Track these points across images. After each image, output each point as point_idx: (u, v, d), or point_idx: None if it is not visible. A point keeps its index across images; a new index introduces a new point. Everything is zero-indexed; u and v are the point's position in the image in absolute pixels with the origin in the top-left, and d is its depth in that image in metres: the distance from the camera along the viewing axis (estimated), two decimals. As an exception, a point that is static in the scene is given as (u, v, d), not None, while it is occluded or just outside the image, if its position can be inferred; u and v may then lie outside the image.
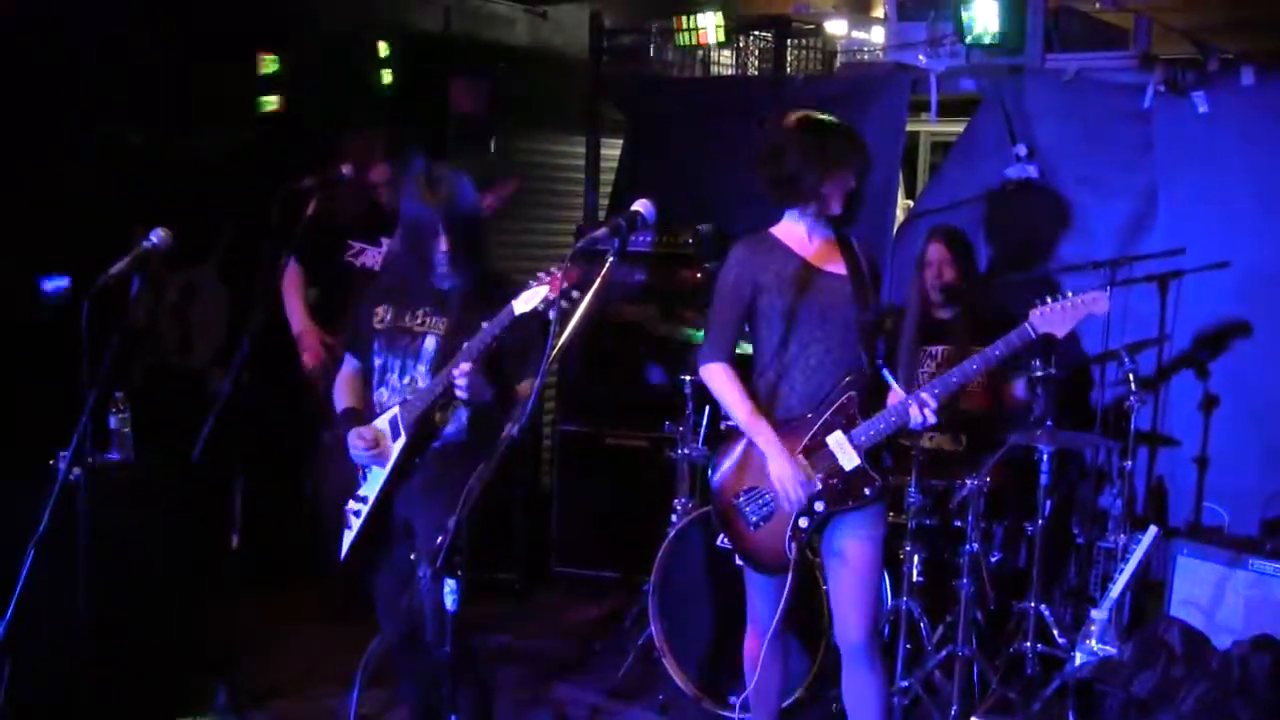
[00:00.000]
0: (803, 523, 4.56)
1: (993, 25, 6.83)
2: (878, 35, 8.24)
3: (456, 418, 4.77)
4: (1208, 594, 5.81)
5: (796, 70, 8.17)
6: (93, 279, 4.31)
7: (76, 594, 4.56)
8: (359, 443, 4.74)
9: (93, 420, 4.39)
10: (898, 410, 4.49)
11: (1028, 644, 5.78)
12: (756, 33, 8.36)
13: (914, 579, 5.70)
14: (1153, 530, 5.35)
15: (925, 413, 4.44)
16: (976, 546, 5.54)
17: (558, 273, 4.11)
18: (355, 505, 4.84)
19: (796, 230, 4.67)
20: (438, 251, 4.64)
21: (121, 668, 5.26)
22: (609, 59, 8.65)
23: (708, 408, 6.46)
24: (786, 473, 4.51)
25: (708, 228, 7.45)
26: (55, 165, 6.23)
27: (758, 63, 8.40)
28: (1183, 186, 6.59)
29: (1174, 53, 6.80)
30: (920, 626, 5.73)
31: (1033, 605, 5.79)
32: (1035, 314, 4.47)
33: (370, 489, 4.81)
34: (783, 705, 5.14)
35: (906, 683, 5.66)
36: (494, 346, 4.49)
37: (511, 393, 4.69)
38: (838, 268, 4.61)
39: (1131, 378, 5.95)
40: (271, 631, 6.50)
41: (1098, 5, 7.29)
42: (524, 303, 4.31)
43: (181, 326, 7.05)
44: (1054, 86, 6.91)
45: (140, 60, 6.50)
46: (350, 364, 5.00)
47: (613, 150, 8.77)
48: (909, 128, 7.83)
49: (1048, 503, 5.77)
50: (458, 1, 8.30)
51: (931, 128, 9.19)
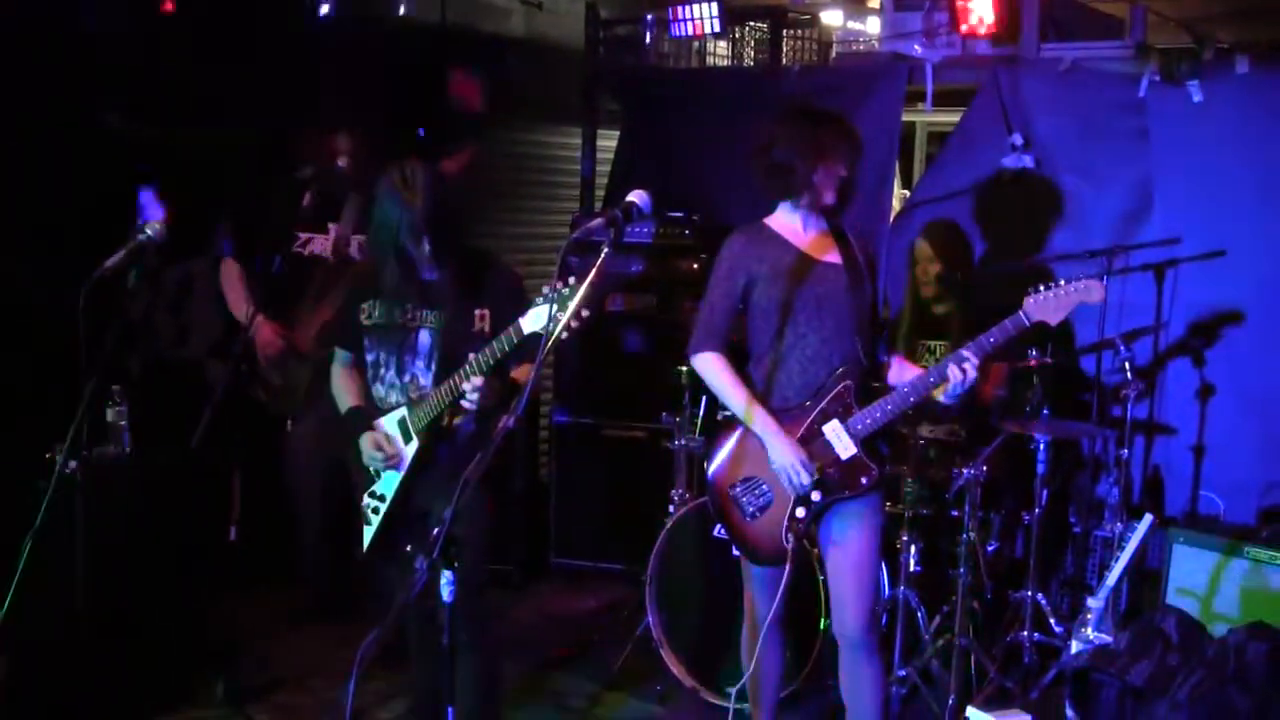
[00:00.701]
0: (800, 513, 4.57)
1: (988, 15, 6.83)
2: (873, 25, 8.24)
3: (469, 420, 4.77)
4: (1204, 583, 5.81)
5: (792, 61, 8.16)
6: (89, 271, 4.31)
7: (74, 587, 4.56)
8: (375, 451, 4.75)
9: (90, 413, 4.39)
10: (914, 385, 4.52)
11: (1025, 633, 5.80)
12: (752, 23, 8.35)
13: (911, 568, 5.70)
14: (1148, 518, 5.36)
15: (967, 369, 4.44)
16: (973, 536, 5.55)
17: (566, 290, 4.08)
18: (373, 502, 4.85)
19: (791, 221, 4.68)
20: (418, 248, 4.64)
21: (120, 661, 5.27)
22: (605, 50, 8.64)
23: (705, 398, 6.47)
24: (789, 457, 4.51)
25: (704, 218, 7.44)
26: (50, 158, 6.22)
27: (754, 53, 8.39)
28: (1178, 176, 6.59)
29: (1169, 42, 6.81)
30: (917, 616, 5.74)
31: (1029, 594, 5.80)
32: (1029, 301, 4.46)
33: (387, 488, 4.82)
34: (780, 696, 5.15)
35: (904, 672, 5.67)
36: (486, 318, 4.53)
37: (514, 385, 4.70)
38: (834, 258, 4.61)
39: (1128, 367, 5.96)
40: (270, 624, 6.50)
41: (1093, -5, 7.31)
42: (531, 321, 4.31)
43: (178, 319, 7.05)
44: (1050, 76, 6.91)
45: (137, 52, 6.49)
46: (342, 358, 4.99)
47: (609, 141, 8.76)
48: (905, 118, 7.83)
49: (1044, 492, 5.78)
50: (454, -7, 8.29)
51: (927, 118, 9.19)
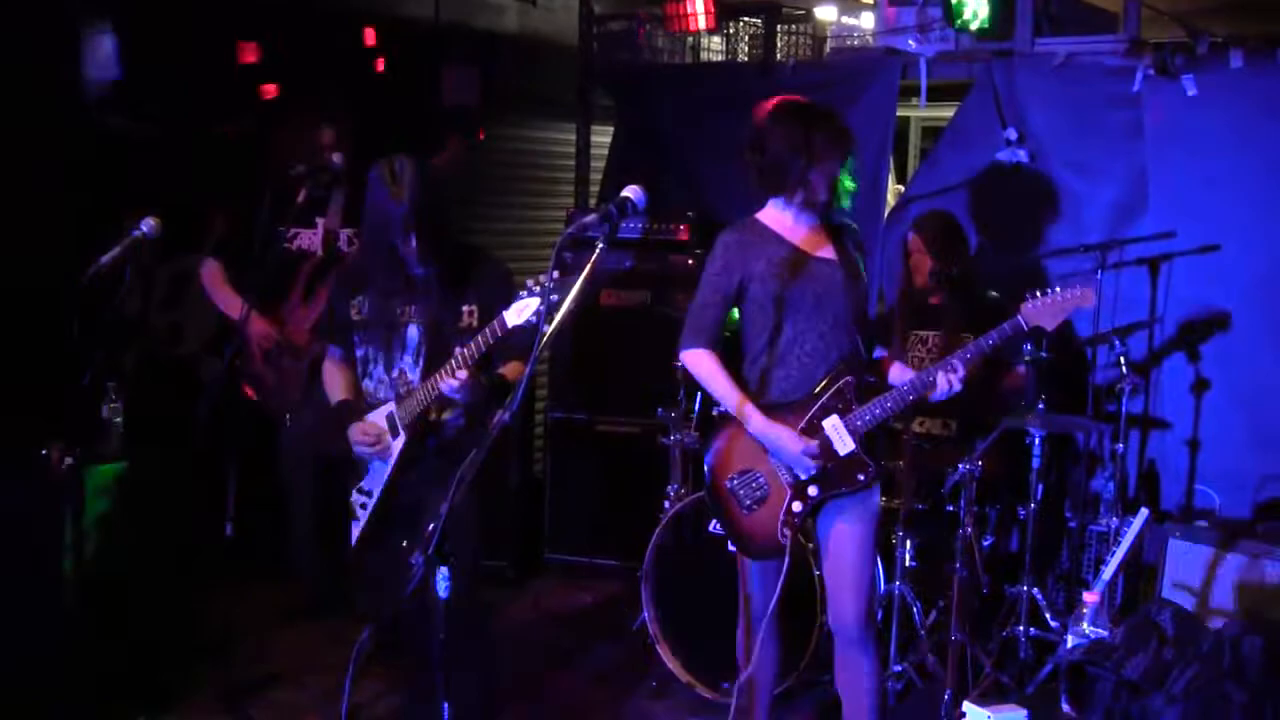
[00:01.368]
0: (796, 507, 4.56)
1: (982, 10, 6.83)
2: (868, 21, 8.25)
3: (455, 408, 4.78)
4: (1199, 577, 5.82)
5: (787, 56, 8.15)
6: (84, 268, 4.31)
7: (69, 584, 4.56)
8: (361, 439, 4.76)
9: (84, 410, 4.39)
10: (912, 384, 4.52)
11: (1020, 627, 5.80)
12: (746, 19, 8.34)
13: (907, 563, 5.71)
14: (1144, 512, 5.36)
15: (953, 379, 4.47)
16: (969, 530, 5.55)
17: (549, 283, 4.08)
18: (361, 497, 4.86)
19: (782, 217, 4.67)
20: (406, 244, 4.65)
21: (115, 657, 5.26)
22: (599, 46, 8.63)
23: (700, 394, 6.47)
24: (795, 446, 4.51)
25: (698, 214, 7.44)
26: (45, 155, 6.22)
27: (748, 49, 8.38)
28: (1172, 170, 6.59)
29: (1163, 36, 6.80)
30: (913, 611, 5.74)
31: (1025, 589, 5.81)
32: (1027, 306, 4.50)
33: (374, 482, 4.83)
34: (776, 691, 5.15)
35: (900, 667, 5.68)
36: (475, 313, 4.54)
37: (501, 381, 4.70)
38: (828, 253, 4.61)
39: (1123, 361, 5.97)
40: (265, 620, 6.49)
41: (1087, -11, 7.31)
42: (516, 314, 4.31)
43: (172, 316, 7.05)
44: (1044, 71, 6.91)
45: (132, 49, 6.49)
46: (334, 354, 5.00)
47: (603, 137, 8.75)
48: (899, 113, 7.83)
49: (1039, 486, 5.78)
50: (447, -11, 8.29)
51: (922, 113, 9.18)
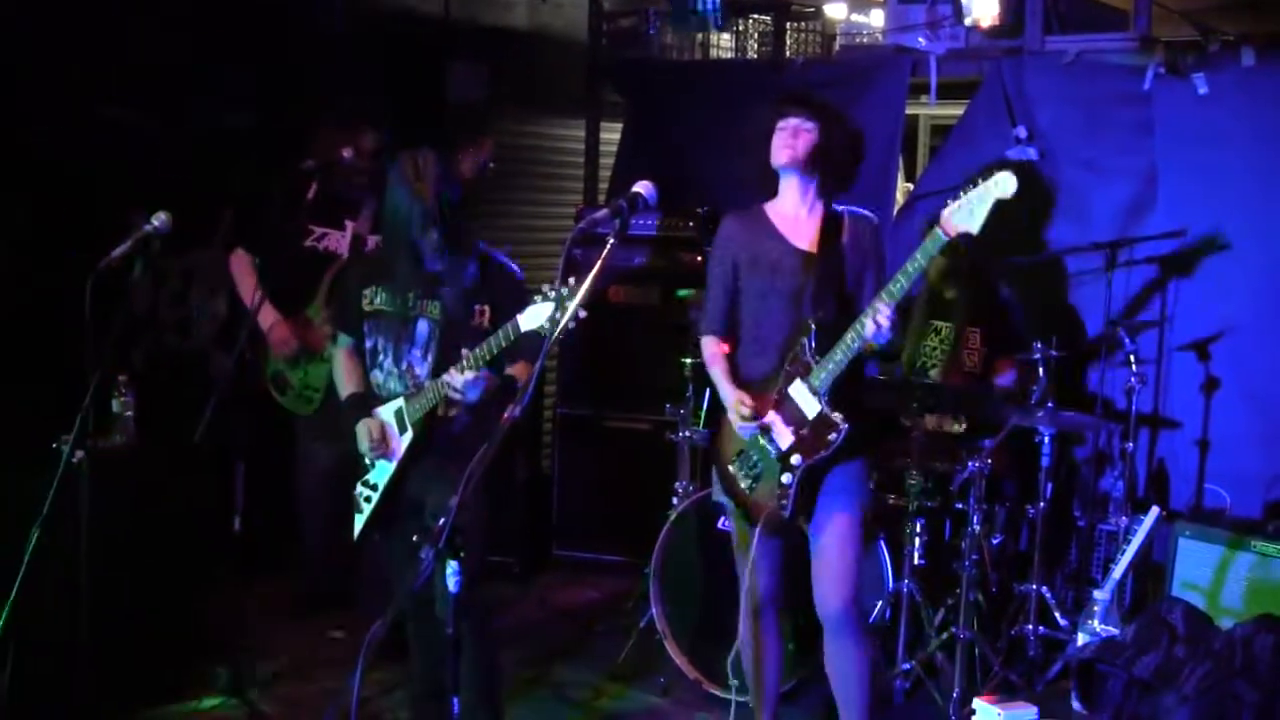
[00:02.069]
0: (784, 479, 4.58)
1: (992, 8, 6.82)
2: (877, 18, 8.23)
3: (464, 412, 4.78)
4: (1209, 576, 5.81)
5: (796, 53, 8.16)
6: (95, 262, 4.31)
7: (79, 578, 4.56)
8: (367, 438, 4.76)
9: (95, 404, 4.39)
10: (854, 332, 4.40)
11: (1029, 626, 5.80)
12: (756, 16, 8.34)
13: (915, 561, 5.70)
14: (1155, 511, 5.36)
15: (880, 320, 4.30)
16: (978, 529, 5.55)
17: (565, 290, 4.08)
18: (365, 491, 4.86)
19: (787, 205, 4.71)
20: (425, 237, 4.65)
21: (124, 651, 5.27)
22: (608, 42, 8.63)
23: (708, 390, 6.46)
24: (733, 402, 4.63)
25: (707, 211, 7.43)
26: (56, 149, 6.22)
27: (757, 46, 8.38)
28: (1183, 168, 6.58)
29: (1174, 34, 6.80)
30: (921, 609, 5.74)
31: (1034, 587, 5.80)
32: (944, 213, 4.23)
33: (379, 477, 4.83)
34: (782, 690, 5.15)
35: (908, 665, 5.67)
36: (487, 313, 4.54)
37: (510, 380, 4.71)
38: (807, 243, 4.64)
39: (1132, 360, 5.96)
40: (273, 615, 6.50)
41: (1097, -13, 7.30)
42: (530, 320, 4.31)
43: (181, 310, 7.05)
44: (1054, 69, 6.91)
45: (141, 43, 6.49)
46: (345, 342, 4.99)
47: (612, 134, 8.75)
48: (908, 111, 7.82)
49: (1049, 485, 5.78)
50: (456, -16, 8.29)
51: (931, 110, 9.17)
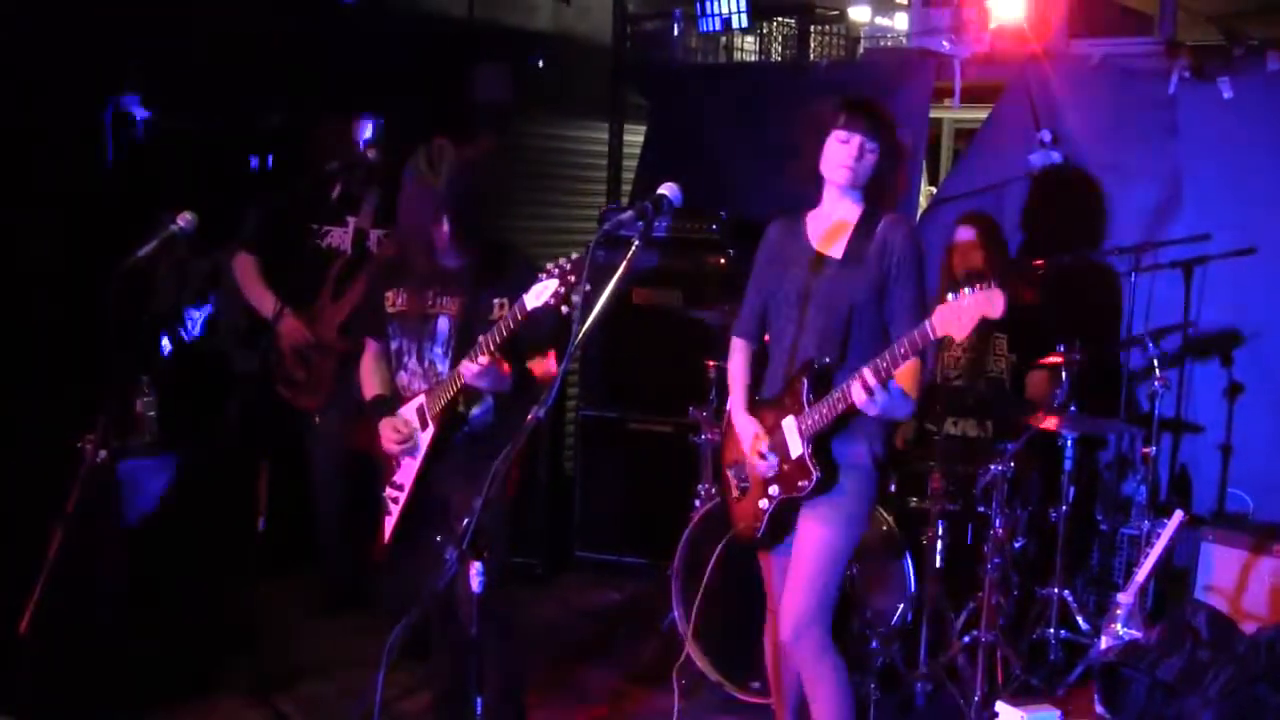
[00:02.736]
0: (762, 504, 4.53)
1: (1017, 11, 6.82)
2: (901, 21, 8.24)
3: (483, 401, 4.79)
4: (1232, 581, 5.79)
5: (820, 56, 8.16)
6: (119, 262, 4.33)
7: (104, 576, 4.59)
8: (392, 435, 4.77)
9: (119, 403, 4.41)
10: (842, 390, 4.21)
11: (1051, 630, 5.79)
12: (780, 19, 8.34)
13: (937, 564, 5.70)
14: (1179, 514, 5.34)
15: (859, 389, 4.08)
16: (1000, 532, 5.53)
17: (566, 264, 4.11)
18: (393, 492, 4.88)
19: (825, 208, 4.58)
20: (439, 232, 4.67)
21: (147, 648, 5.29)
22: (632, 45, 8.65)
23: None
24: (743, 443, 4.58)
25: (730, 213, 7.43)
26: (82, 149, 6.25)
27: (781, 49, 8.39)
28: (1208, 172, 6.57)
29: (1199, 39, 6.78)
30: (943, 612, 5.73)
31: (1056, 591, 5.79)
32: (936, 313, 3.98)
33: (405, 477, 4.84)
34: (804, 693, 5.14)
35: (929, 669, 5.66)
36: (505, 305, 4.53)
37: (527, 373, 4.72)
38: (836, 251, 4.48)
39: (1155, 364, 5.95)
40: (295, 614, 6.52)
41: (1122, -9, 7.29)
42: (535, 297, 4.31)
43: (206, 310, 7.08)
44: (1079, 73, 6.90)
45: (164, 42, 6.52)
46: (371, 347, 5.02)
47: (636, 136, 8.76)
48: (932, 114, 7.82)
49: (1071, 489, 5.77)
50: (481, -14, 8.31)
51: (955, 114, 9.17)
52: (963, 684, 5.62)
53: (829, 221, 4.55)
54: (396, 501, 4.88)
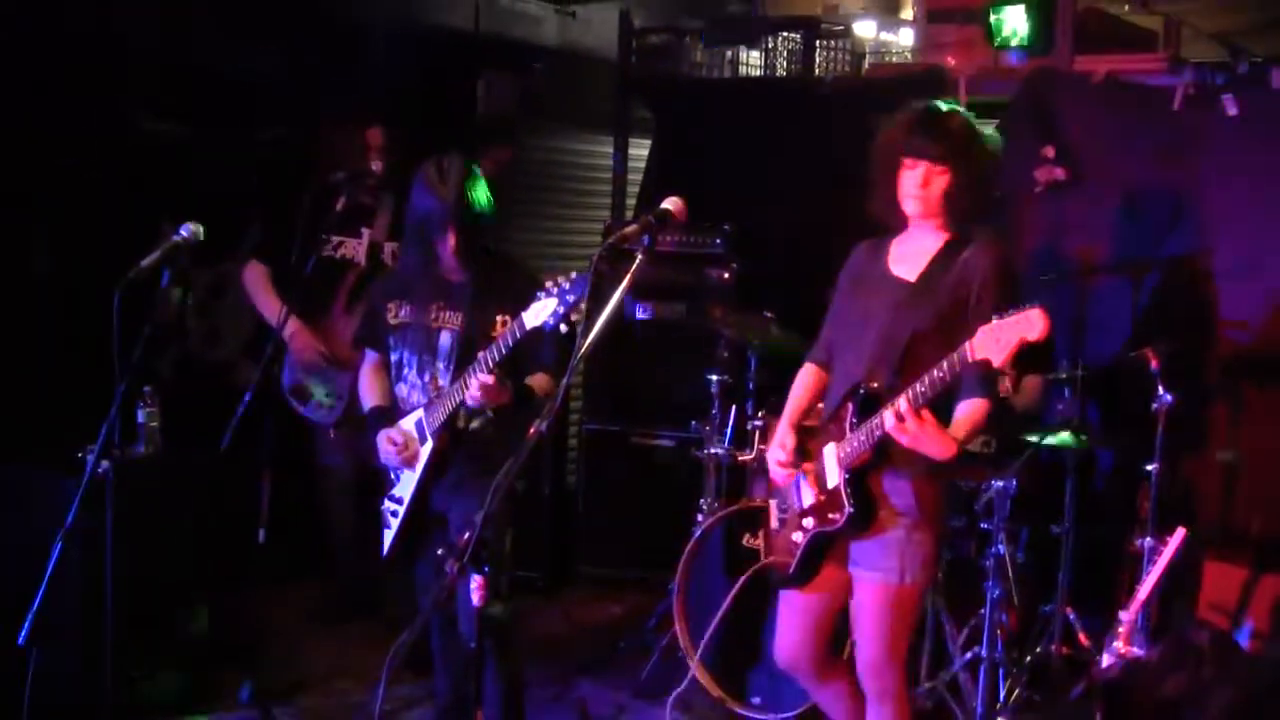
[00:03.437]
0: (795, 537, 4.33)
1: (1021, 27, 6.82)
2: (906, 37, 8.24)
3: (483, 416, 4.79)
4: (1235, 598, 5.78)
5: (825, 71, 8.16)
6: (123, 273, 4.33)
7: (104, 588, 4.57)
8: (390, 448, 4.78)
9: (121, 414, 4.40)
10: (880, 417, 4.00)
11: (1053, 646, 5.77)
12: (785, 34, 8.35)
13: (939, 580, 5.68)
14: (1181, 532, 5.32)
15: (891, 414, 3.92)
16: (1003, 548, 5.52)
17: (566, 284, 4.10)
18: (392, 505, 4.88)
19: (910, 231, 4.32)
20: (444, 245, 4.67)
21: (148, 661, 5.28)
22: (638, 59, 8.65)
23: (734, 408, 6.47)
24: (775, 438, 4.44)
25: (735, 227, 7.43)
26: (86, 160, 6.26)
27: (786, 64, 8.39)
28: (1211, 189, 6.56)
29: (1203, 55, 6.79)
30: (945, 628, 5.72)
31: (1059, 608, 5.78)
32: (977, 336, 3.77)
33: (404, 490, 4.84)
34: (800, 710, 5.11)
35: (930, 684, 5.65)
36: (508, 355, 4.52)
37: (528, 390, 4.72)
38: (909, 272, 4.26)
39: (1158, 378, 5.93)
40: (297, 626, 6.51)
41: (1126, 8, 7.29)
42: (534, 316, 4.31)
43: (210, 321, 7.08)
44: (1083, 89, 6.89)
45: (172, 54, 6.53)
46: (371, 358, 5.03)
47: (641, 150, 8.77)
48: (938, 129, 7.81)
49: (1073, 504, 5.75)
50: (487, 0, 8.32)
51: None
52: (964, 700, 5.61)
53: (911, 247, 4.30)
54: (396, 515, 4.88)
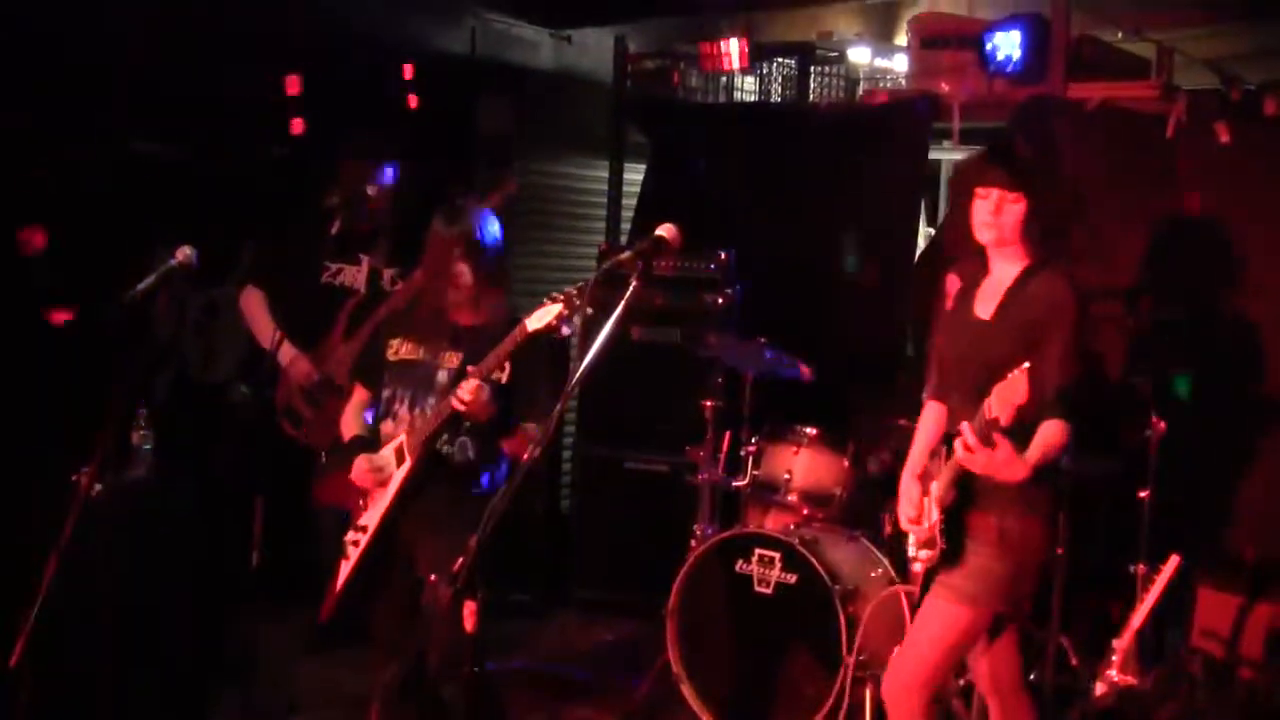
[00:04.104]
0: (915, 568, 4.45)
1: (1015, 54, 6.84)
2: (900, 63, 8.26)
3: (464, 448, 4.79)
4: (1229, 625, 5.77)
5: (819, 97, 8.19)
6: (118, 296, 4.33)
7: (97, 610, 4.57)
8: (364, 466, 4.77)
9: (115, 437, 4.40)
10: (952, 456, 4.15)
11: (1046, 674, 5.76)
12: (780, 59, 8.37)
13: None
14: (1174, 559, 5.32)
15: (960, 444, 4.04)
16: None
17: (573, 291, 4.13)
18: (354, 535, 4.86)
19: (992, 267, 4.42)
20: (457, 285, 4.68)
21: (141, 684, 5.27)
22: (633, 83, 8.68)
23: (727, 433, 6.47)
24: (902, 490, 4.50)
25: (729, 253, 7.43)
26: (82, 182, 6.27)
27: (781, 90, 8.41)
28: (1205, 216, 6.57)
29: (1196, 83, 6.81)
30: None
31: (1052, 634, 5.77)
32: (994, 392, 3.93)
33: (371, 518, 4.82)
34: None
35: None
36: (506, 368, 4.53)
37: (512, 430, 4.72)
38: (988, 311, 4.38)
39: (1153, 405, 5.93)
40: (287, 651, 6.49)
41: (1120, 35, 7.31)
42: (537, 320, 4.32)
43: (204, 344, 7.08)
44: (1076, 116, 6.91)
45: (167, 78, 6.54)
46: (360, 394, 5.04)
47: (636, 174, 8.78)
48: (931, 155, 7.84)
49: (1067, 531, 5.75)
50: (483, 24, 8.34)
51: (954, 156, 9.18)
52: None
53: (992, 281, 4.41)
54: (357, 545, 4.85)
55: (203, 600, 5.76)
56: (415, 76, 7.36)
